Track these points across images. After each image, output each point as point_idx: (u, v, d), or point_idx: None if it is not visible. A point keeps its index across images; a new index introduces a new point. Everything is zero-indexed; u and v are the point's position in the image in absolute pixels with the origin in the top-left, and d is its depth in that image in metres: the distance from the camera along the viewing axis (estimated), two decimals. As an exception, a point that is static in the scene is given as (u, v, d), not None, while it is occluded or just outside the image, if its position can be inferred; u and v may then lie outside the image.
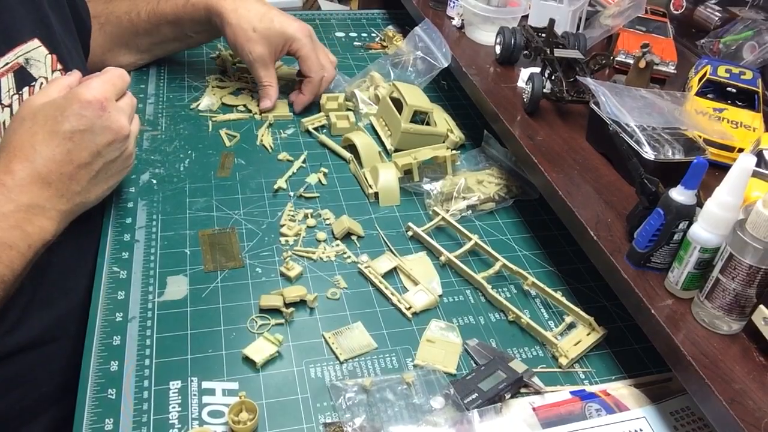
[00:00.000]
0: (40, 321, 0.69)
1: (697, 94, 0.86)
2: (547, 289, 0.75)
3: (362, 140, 0.94)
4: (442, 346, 0.69)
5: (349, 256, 0.79)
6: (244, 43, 0.95)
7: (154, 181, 0.88)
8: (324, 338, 0.69)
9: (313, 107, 1.06)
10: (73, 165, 0.66)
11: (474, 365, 0.68)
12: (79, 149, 0.66)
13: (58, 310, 0.71)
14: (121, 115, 0.70)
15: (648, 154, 0.71)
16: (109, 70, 0.72)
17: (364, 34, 1.34)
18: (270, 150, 0.96)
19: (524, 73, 0.97)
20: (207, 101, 1.04)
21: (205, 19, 0.97)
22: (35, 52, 0.73)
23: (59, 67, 0.76)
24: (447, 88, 1.17)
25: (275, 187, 0.88)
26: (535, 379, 0.66)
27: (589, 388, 0.67)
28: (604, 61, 0.92)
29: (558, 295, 0.74)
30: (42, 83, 0.74)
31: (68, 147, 0.65)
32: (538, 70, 0.92)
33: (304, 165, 0.94)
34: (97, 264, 0.75)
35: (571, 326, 0.73)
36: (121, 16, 0.99)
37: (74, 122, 0.65)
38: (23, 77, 0.72)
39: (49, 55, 0.75)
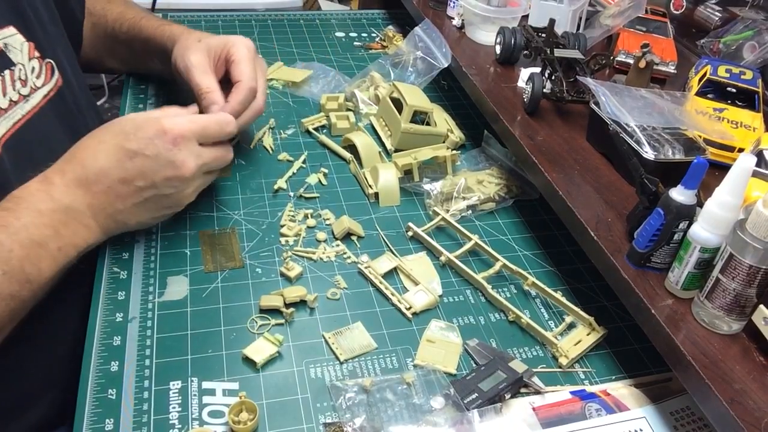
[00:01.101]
0: (39, 321, 0.69)
1: (698, 94, 0.86)
2: (547, 289, 0.75)
3: (362, 140, 0.94)
4: (442, 346, 0.69)
5: (349, 257, 0.79)
6: (184, 51, 0.84)
7: (155, 182, 0.88)
8: (324, 338, 0.69)
9: (314, 107, 1.06)
10: (124, 184, 0.66)
11: (474, 365, 0.68)
12: (135, 171, 0.66)
13: (56, 310, 0.71)
14: (191, 158, 0.69)
15: (648, 154, 0.71)
16: (218, 115, 0.73)
17: (364, 34, 1.34)
18: (270, 150, 0.96)
19: (524, 73, 0.97)
20: (207, 101, 1.04)
21: (167, 50, 0.89)
22: (11, 39, 0.72)
23: (37, 54, 0.75)
24: (447, 88, 1.17)
25: (275, 187, 0.88)
26: (535, 379, 0.66)
27: (589, 388, 0.67)
28: (604, 61, 0.92)
29: (558, 295, 0.74)
30: (21, 69, 0.72)
31: (126, 165, 0.66)
32: (538, 70, 0.92)
33: (304, 165, 0.94)
34: (97, 264, 0.75)
35: (571, 326, 0.73)
36: (109, 21, 0.98)
37: (142, 145, 0.66)
38: (3, 61, 0.70)
39: (26, 43, 0.74)
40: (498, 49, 1.00)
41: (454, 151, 0.92)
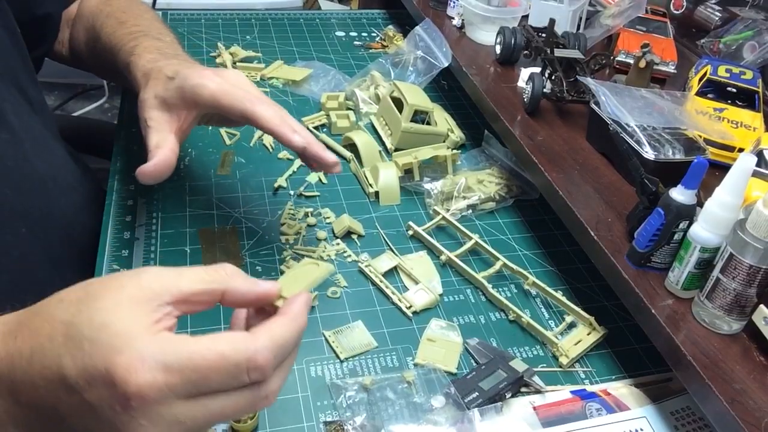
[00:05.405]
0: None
1: (698, 93, 0.86)
2: (547, 288, 0.75)
3: (362, 139, 0.94)
4: (442, 345, 0.69)
5: (350, 255, 0.79)
6: (141, 104, 0.70)
7: (155, 180, 0.87)
8: (324, 337, 0.69)
9: (314, 106, 1.06)
10: (53, 413, 0.42)
11: (474, 364, 0.68)
12: (68, 409, 0.41)
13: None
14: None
15: (648, 153, 0.71)
16: (228, 348, 0.45)
17: (365, 34, 1.34)
18: (270, 149, 0.96)
19: (524, 73, 0.97)
20: (207, 100, 1.04)
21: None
22: None
23: None
24: (447, 87, 1.17)
25: (275, 185, 0.88)
26: (536, 379, 0.66)
27: (590, 388, 0.67)
28: (604, 61, 0.92)
29: (558, 295, 0.74)
30: None
31: (60, 395, 0.40)
32: (538, 69, 0.92)
33: (304, 164, 0.94)
34: (96, 262, 0.75)
35: (571, 326, 0.73)
36: (105, 44, 0.85)
37: (81, 381, 0.40)
38: None
39: None
40: (498, 49, 1.00)
41: (455, 151, 0.92)
